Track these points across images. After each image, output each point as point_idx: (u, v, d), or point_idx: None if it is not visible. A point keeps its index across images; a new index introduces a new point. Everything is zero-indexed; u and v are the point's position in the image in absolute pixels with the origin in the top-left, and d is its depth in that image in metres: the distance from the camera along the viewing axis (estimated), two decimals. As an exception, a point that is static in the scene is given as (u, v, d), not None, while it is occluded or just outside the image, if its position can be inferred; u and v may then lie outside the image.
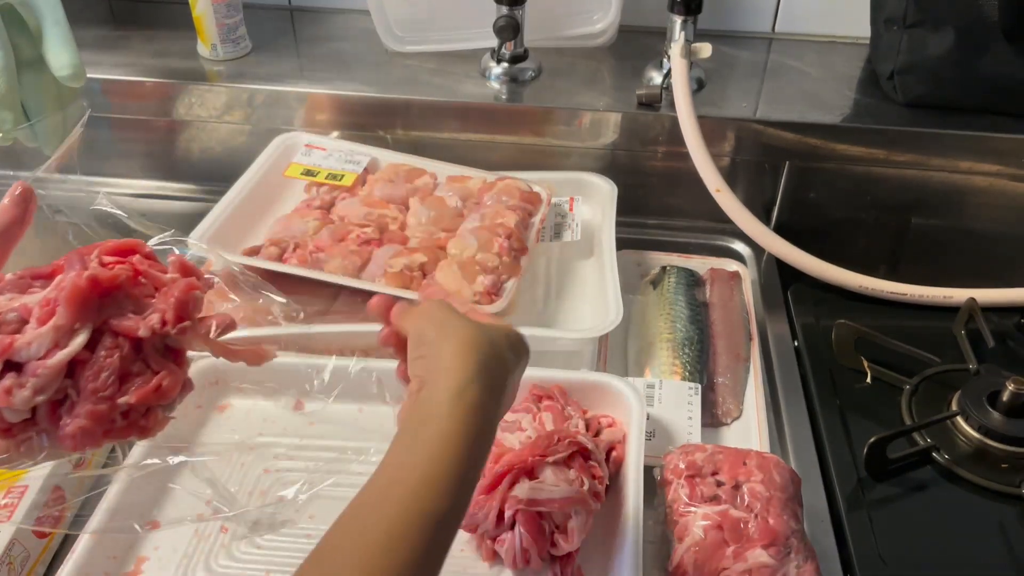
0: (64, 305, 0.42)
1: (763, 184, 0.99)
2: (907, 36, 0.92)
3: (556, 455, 0.63)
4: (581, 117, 0.96)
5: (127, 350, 0.44)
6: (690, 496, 0.62)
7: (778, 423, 0.77)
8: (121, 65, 1.02)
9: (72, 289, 0.42)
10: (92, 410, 0.42)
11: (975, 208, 0.96)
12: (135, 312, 0.44)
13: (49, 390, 0.42)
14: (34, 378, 0.41)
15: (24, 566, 0.62)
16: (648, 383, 0.76)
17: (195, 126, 1.03)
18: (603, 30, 1.05)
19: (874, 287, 0.88)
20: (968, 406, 0.74)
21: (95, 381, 0.42)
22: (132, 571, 0.62)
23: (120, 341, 0.43)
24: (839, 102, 0.97)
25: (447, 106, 0.98)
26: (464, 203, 0.89)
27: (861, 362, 0.81)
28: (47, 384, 0.41)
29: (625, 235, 0.91)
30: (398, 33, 1.05)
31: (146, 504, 0.66)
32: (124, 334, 0.43)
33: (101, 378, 0.42)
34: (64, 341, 0.42)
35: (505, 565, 0.62)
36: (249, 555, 0.63)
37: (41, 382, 0.41)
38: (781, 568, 0.58)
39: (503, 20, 0.96)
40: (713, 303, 0.87)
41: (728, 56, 1.05)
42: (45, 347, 0.41)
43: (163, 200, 1.05)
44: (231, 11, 1.01)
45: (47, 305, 0.42)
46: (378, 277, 0.79)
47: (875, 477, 0.71)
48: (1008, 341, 0.85)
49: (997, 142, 0.92)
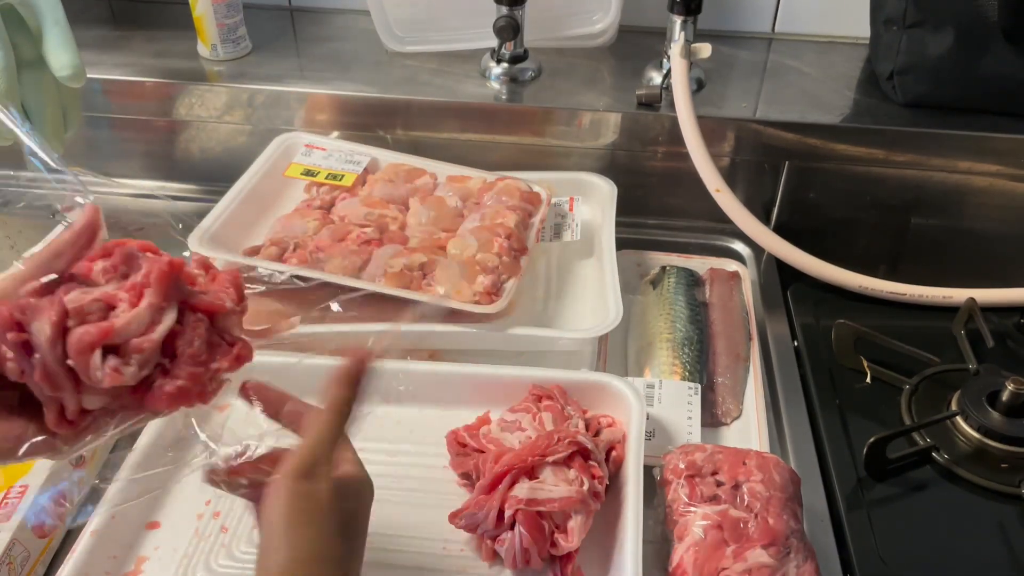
0: (155, 286, 0.45)
1: (763, 184, 0.99)
2: (906, 36, 0.92)
3: (556, 455, 0.63)
4: (581, 117, 0.96)
5: (207, 324, 0.48)
6: (690, 496, 0.62)
7: (778, 423, 0.77)
8: (121, 65, 1.02)
9: (159, 273, 0.46)
10: (191, 372, 0.47)
11: (975, 208, 0.96)
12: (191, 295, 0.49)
13: (151, 364, 0.45)
14: (138, 354, 0.44)
15: (24, 566, 0.62)
16: (648, 383, 0.76)
17: (195, 126, 1.03)
18: (603, 30, 1.05)
19: (874, 287, 0.88)
20: (968, 406, 0.74)
21: (191, 347, 0.47)
22: (132, 571, 0.62)
23: (200, 316, 0.48)
24: (839, 102, 0.97)
25: (447, 106, 0.98)
26: (464, 203, 0.89)
27: (861, 362, 0.81)
28: (150, 358, 0.45)
29: (625, 235, 0.91)
30: (398, 33, 1.05)
31: (146, 504, 0.66)
32: (204, 310, 0.48)
33: (195, 345, 0.47)
34: (158, 318, 0.45)
35: (505, 565, 0.62)
36: (249, 555, 0.63)
37: (145, 356, 0.45)
38: (781, 568, 0.58)
39: (503, 20, 0.96)
40: (713, 303, 0.87)
41: (728, 56, 1.05)
42: (144, 325, 0.45)
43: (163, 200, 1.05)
44: (231, 11, 1.01)
45: (133, 289, 0.45)
46: (378, 277, 0.79)
47: (875, 477, 0.71)
48: (1008, 341, 0.85)
49: (997, 142, 0.92)
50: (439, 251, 0.82)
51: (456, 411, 0.73)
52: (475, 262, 0.79)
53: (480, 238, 0.81)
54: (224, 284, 0.50)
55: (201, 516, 0.66)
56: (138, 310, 0.45)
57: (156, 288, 0.46)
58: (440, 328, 0.76)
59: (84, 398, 0.45)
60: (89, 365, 0.43)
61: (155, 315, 0.45)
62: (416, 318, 0.75)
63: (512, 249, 0.81)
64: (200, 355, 0.47)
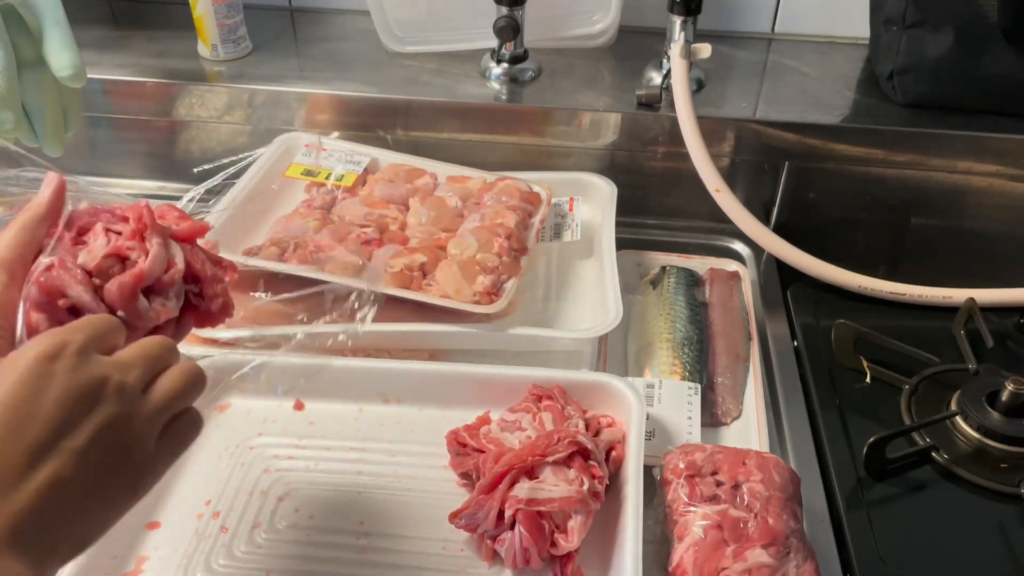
0: (152, 228, 0.50)
1: (763, 184, 0.99)
2: (906, 36, 0.92)
3: (556, 455, 0.63)
4: (581, 117, 0.96)
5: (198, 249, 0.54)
6: (690, 496, 0.62)
7: (777, 423, 0.77)
8: (122, 65, 1.02)
9: (151, 216, 0.50)
10: (223, 287, 0.53)
11: (974, 208, 0.96)
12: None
13: (182, 294, 0.51)
14: (172, 286, 0.50)
15: (25, 566, 0.62)
16: (648, 383, 0.76)
17: (195, 126, 1.03)
18: (603, 31, 1.05)
19: (873, 287, 0.88)
20: (967, 406, 0.74)
21: (206, 270, 0.53)
22: (132, 571, 0.62)
23: (190, 246, 0.53)
24: (838, 102, 0.97)
25: (447, 106, 0.98)
26: (464, 203, 0.89)
27: (861, 362, 0.81)
28: (181, 288, 0.51)
29: (625, 235, 0.91)
30: (398, 33, 1.05)
31: (146, 504, 0.66)
32: (188, 238, 0.53)
33: (208, 267, 0.53)
34: (170, 254, 0.50)
35: (505, 565, 0.62)
36: (249, 555, 0.63)
37: (178, 288, 0.51)
38: (781, 568, 0.58)
39: (503, 20, 0.96)
40: (713, 303, 0.87)
41: (728, 56, 1.05)
42: (164, 262, 0.50)
43: (163, 200, 1.05)
44: (231, 12, 1.01)
45: (134, 237, 0.49)
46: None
47: (874, 477, 0.71)
48: (1007, 341, 0.85)
49: (996, 142, 0.92)
50: (439, 251, 0.82)
51: (456, 411, 0.73)
52: (475, 262, 0.79)
53: (480, 238, 0.81)
54: (171, 214, 0.54)
55: (201, 516, 0.66)
56: (155, 251, 0.49)
57: (154, 230, 0.50)
58: (440, 328, 0.76)
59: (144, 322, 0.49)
60: (138, 309, 0.48)
61: (167, 252, 0.50)
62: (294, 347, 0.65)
63: (512, 249, 0.81)
64: (216, 274, 0.53)
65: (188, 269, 0.51)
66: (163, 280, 0.50)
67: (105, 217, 0.50)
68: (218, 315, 0.54)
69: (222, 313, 0.54)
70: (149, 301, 0.49)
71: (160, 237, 0.50)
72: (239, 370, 0.61)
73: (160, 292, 0.49)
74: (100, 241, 0.49)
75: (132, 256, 0.49)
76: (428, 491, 0.68)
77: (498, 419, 0.69)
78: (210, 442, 0.72)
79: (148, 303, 0.49)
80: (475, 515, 0.61)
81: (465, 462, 0.67)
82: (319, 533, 0.65)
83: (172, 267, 0.50)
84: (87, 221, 0.50)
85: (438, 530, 0.64)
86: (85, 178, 0.55)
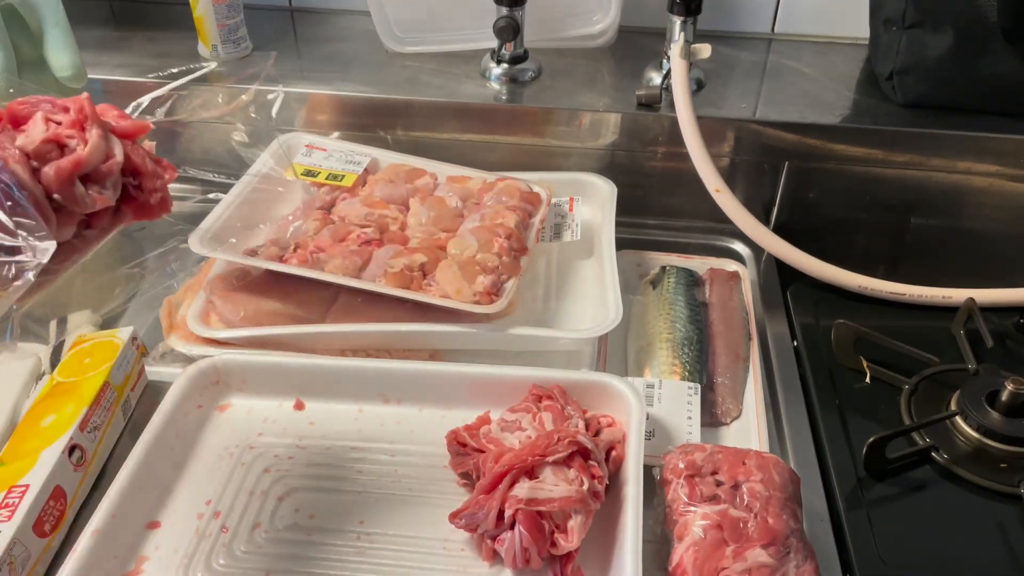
0: (94, 122, 0.50)
1: (763, 184, 0.99)
2: (906, 37, 0.92)
3: (556, 455, 0.63)
4: (581, 118, 0.96)
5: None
6: (689, 496, 0.62)
7: (777, 423, 0.77)
8: (122, 65, 1.02)
9: (92, 109, 0.51)
10: (163, 183, 0.54)
11: (974, 208, 0.96)
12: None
13: (119, 185, 0.51)
14: (110, 177, 0.50)
15: (25, 566, 0.62)
16: (648, 383, 0.76)
17: (195, 126, 1.03)
18: (603, 31, 1.05)
19: (873, 287, 0.88)
20: (967, 406, 0.74)
21: (146, 164, 0.53)
22: (132, 571, 0.62)
23: (130, 141, 0.53)
24: (838, 102, 0.97)
25: (447, 106, 0.98)
26: (464, 203, 0.89)
27: (860, 362, 0.81)
28: (119, 180, 0.51)
29: (625, 235, 0.91)
30: (398, 33, 1.05)
31: (147, 504, 0.66)
32: (128, 135, 0.53)
33: (148, 162, 0.53)
34: (110, 146, 0.51)
35: (505, 565, 0.62)
36: (249, 555, 0.63)
37: (116, 179, 0.51)
38: (780, 568, 0.58)
39: (503, 21, 0.96)
40: (712, 303, 0.87)
41: (728, 56, 1.05)
42: (103, 152, 0.50)
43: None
44: (232, 12, 1.02)
45: (75, 126, 0.50)
46: (378, 277, 0.79)
47: (874, 477, 0.71)
48: (1007, 341, 0.85)
49: (996, 142, 0.92)
50: (439, 251, 0.82)
51: (456, 411, 0.73)
52: (475, 262, 0.79)
53: (480, 238, 0.82)
54: (112, 112, 0.54)
55: (201, 516, 0.66)
56: (94, 140, 0.49)
57: (94, 120, 0.50)
58: (440, 328, 0.76)
59: (63, 231, 0.49)
60: (75, 194, 0.48)
61: (106, 143, 0.50)
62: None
63: (512, 249, 0.81)
64: (155, 170, 0.54)
65: (127, 163, 0.52)
66: (101, 169, 0.50)
67: (45, 107, 0.51)
68: (156, 209, 0.54)
69: (160, 207, 0.54)
70: (86, 188, 0.49)
71: (100, 128, 0.50)
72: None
73: (97, 180, 0.50)
74: (39, 127, 0.49)
75: (71, 144, 0.49)
76: (428, 491, 0.68)
77: (498, 419, 0.69)
78: (211, 442, 0.72)
79: (85, 189, 0.49)
80: (475, 515, 0.61)
81: (465, 462, 0.67)
82: (319, 533, 0.65)
83: (111, 158, 0.50)
84: (27, 111, 0.51)
85: (438, 530, 0.64)
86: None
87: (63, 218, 0.48)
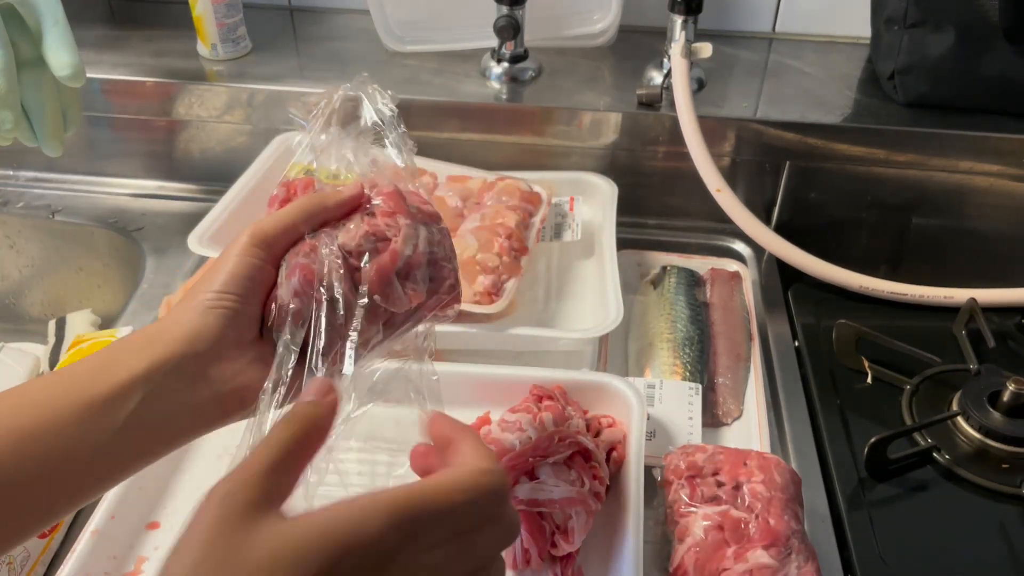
0: (405, 215, 0.49)
1: (763, 184, 0.98)
2: (907, 36, 0.92)
3: (556, 455, 0.63)
4: (581, 117, 0.96)
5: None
6: (690, 496, 0.62)
7: (779, 423, 0.77)
8: (121, 65, 1.02)
9: (399, 200, 0.49)
10: (451, 270, 0.51)
11: (976, 208, 0.96)
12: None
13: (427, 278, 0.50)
14: (419, 269, 0.49)
15: (24, 566, 0.62)
16: (648, 383, 0.76)
17: (195, 126, 1.03)
18: (603, 30, 1.05)
19: (874, 287, 0.88)
20: (969, 406, 0.74)
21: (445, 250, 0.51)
22: (132, 571, 0.62)
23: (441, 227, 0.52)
24: (839, 102, 0.97)
25: (447, 106, 0.98)
26: (464, 203, 0.89)
27: (861, 362, 0.81)
28: (426, 272, 0.49)
29: (625, 235, 0.91)
30: (398, 33, 1.05)
31: (146, 504, 0.66)
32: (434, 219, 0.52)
33: (447, 247, 0.51)
34: (417, 235, 0.49)
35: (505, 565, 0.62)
36: (249, 555, 0.63)
37: (424, 272, 0.49)
38: (782, 569, 0.58)
39: (503, 20, 0.96)
40: (713, 303, 0.87)
41: (728, 56, 1.05)
42: (413, 243, 0.48)
43: (163, 200, 1.05)
44: (231, 11, 1.01)
45: (386, 215, 0.48)
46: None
47: (876, 477, 0.71)
48: (1008, 341, 0.85)
49: (998, 142, 0.92)
50: (439, 251, 0.82)
51: (456, 411, 0.72)
52: (475, 262, 0.79)
53: (480, 238, 0.81)
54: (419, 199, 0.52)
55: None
56: (405, 230, 0.47)
57: (405, 215, 0.48)
58: (440, 328, 0.76)
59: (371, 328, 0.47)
60: (392, 292, 0.47)
61: (415, 233, 0.48)
62: None
63: (512, 249, 0.81)
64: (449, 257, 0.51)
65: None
66: (411, 262, 0.48)
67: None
68: (453, 301, 0.52)
69: (455, 300, 0.52)
70: (403, 285, 0.47)
71: (409, 219, 0.49)
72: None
73: (407, 275, 0.48)
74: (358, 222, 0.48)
75: (392, 240, 0.47)
76: (428, 491, 0.67)
77: (498, 419, 0.69)
78: (210, 442, 0.71)
79: (402, 287, 0.47)
80: (475, 516, 0.61)
81: (465, 462, 0.67)
82: (319, 534, 0.64)
83: (417, 249, 0.48)
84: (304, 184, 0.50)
85: (438, 531, 0.64)
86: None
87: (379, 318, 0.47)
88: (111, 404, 0.41)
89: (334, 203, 0.49)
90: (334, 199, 0.49)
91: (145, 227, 0.99)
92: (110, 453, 0.41)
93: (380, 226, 0.48)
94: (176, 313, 0.45)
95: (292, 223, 0.47)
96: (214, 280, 0.45)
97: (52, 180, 1.07)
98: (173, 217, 1.01)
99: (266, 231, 0.47)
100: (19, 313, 1.06)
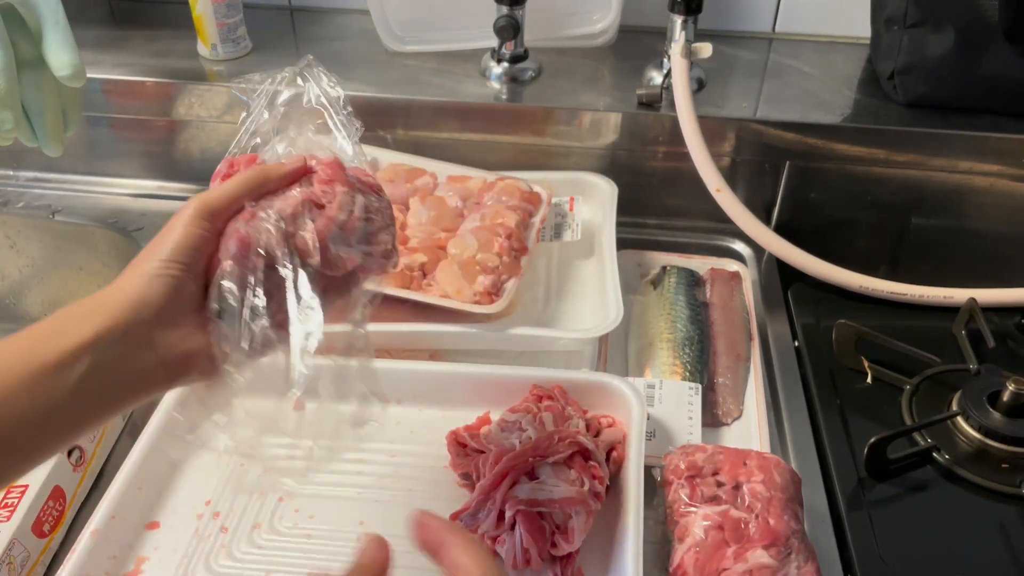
0: (343, 184, 0.51)
1: (763, 184, 0.98)
2: (907, 36, 0.92)
3: (556, 455, 0.63)
4: (581, 117, 0.96)
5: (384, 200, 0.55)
6: (690, 496, 0.62)
7: (778, 423, 0.77)
8: (121, 65, 1.02)
9: (337, 169, 0.51)
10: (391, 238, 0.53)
11: (976, 208, 0.96)
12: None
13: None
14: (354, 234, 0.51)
15: (24, 566, 0.62)
16: (648, 383, 0.76)
17: (195, 126, 1.03)
18: (603, 30, 1.05)
19: (874, 287, 0.88)
20: (968, 406, 0.74)
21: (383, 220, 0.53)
22: (132, 571, 0.62)
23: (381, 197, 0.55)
24: (839, 102, 0.97)
25: (447, 106, 0.98)
26: (464, 203, 0.89)
27: (861, 362, 0.81)
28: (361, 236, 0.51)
29: (625, 235, 0.91)
30: (398, 33, 1.05)
31: (146, 504, 0.66)
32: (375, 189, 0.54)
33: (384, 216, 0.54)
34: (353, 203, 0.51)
35: (505, 565, 0.62)
36: (249, 555, 0.63)
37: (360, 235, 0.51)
38: (782, 569, 0.58)
39: (503, 20, 0.96)
40: (713, 303, 0.87)
41: (728, 56, 1.05)
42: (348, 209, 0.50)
43: (163, 200, 1.05)
44: (231, 11, 1.01)
45: (325, 183, 0.51)
46: (378, 277, 0.79)
47: (875, 477, 0.71)
48: (1008, 341, 0.85)
49: (998, 142, 0.92)
50: (439, 251, 0.82)
51: (456, 411, 0.72)
52: (475, 262, 0.79)
53: (480, 238, 0.81)
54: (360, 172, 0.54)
55: (201, 516, 0.66)
56: (340, 196, 0.50)
57: (345, 185, 0.50)
58: (440, 328, 0.76)
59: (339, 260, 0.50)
60: (327, 255, 0.48)
61: (351, 200, 0.50)
62: None
63: (512, 249, 0.81)
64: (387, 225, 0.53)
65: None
66: (348, 226, 0.50)
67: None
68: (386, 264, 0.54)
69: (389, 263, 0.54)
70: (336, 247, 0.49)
71: (347, 187, 0.51)
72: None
73: (343, 240, 0.50)
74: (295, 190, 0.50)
75: (327, 208, 0.49)
76: (428, 491, 0.68)
77: (498, 419, 0.69)
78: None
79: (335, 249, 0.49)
80: (475, 515, 0.61)
81: (465, 462, 0.67)
82: (319, 533, 0.65)
83: (353, 215, 0.50)
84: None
85: (438, 530, 0.64)
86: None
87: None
88: (59, 369, 0.42)
89: (277, 176, 0.51)
90: (277, 172, 0.51)
91: (145, 227, 0.99)
92: (60, 417, 0.43)
93: (317, 193, 0.50)
94: (122, 281, 0.46)
95: (236, 195, 0.49)
96: (160, 249, 0.47)
97: (52, 180, 1.08)
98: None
99: (211, 202, 0.48)
100: (19, 313, 1.07)
